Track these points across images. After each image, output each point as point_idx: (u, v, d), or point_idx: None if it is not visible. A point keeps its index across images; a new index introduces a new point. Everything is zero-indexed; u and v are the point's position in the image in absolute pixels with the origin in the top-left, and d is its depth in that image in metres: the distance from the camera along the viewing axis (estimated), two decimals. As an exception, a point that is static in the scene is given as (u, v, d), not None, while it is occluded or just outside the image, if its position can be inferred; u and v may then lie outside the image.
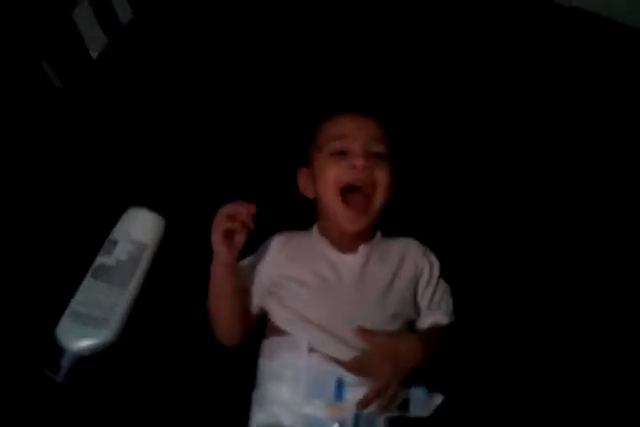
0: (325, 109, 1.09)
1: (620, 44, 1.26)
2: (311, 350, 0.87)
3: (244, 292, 0.96)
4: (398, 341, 0.90)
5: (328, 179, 0.97)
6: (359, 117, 1.02)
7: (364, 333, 0.88)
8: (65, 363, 0.92)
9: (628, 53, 1.25)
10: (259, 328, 0.97)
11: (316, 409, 0.84)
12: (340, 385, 0.85)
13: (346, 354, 0.87)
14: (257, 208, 0.88)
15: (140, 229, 1.03)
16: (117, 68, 1.26)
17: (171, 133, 1.18)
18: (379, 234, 1.03)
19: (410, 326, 0.96)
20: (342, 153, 0.97)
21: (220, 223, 0.88)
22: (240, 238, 0.89)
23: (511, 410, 0.95)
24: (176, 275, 1.03)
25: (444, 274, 1.01)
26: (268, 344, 0.93)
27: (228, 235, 0.88)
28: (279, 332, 0.92)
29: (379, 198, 0.97)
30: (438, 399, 0.90)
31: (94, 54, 1.25)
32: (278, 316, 0.93)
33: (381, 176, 0.97)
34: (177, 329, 0.99)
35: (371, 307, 0.92)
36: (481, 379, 0.98)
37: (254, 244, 0.98)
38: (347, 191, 0.97)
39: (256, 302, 0.97)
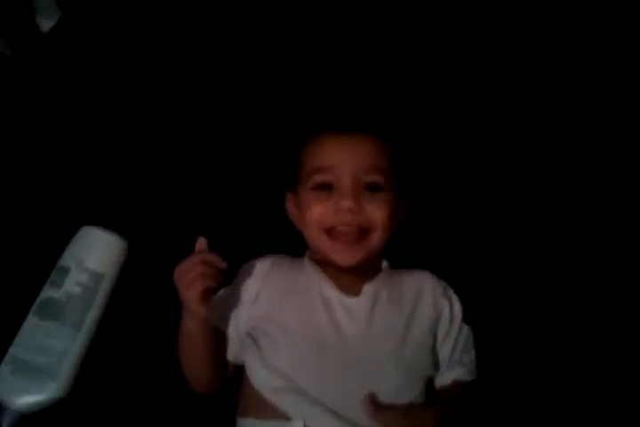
0: (316, 118, 0.97)
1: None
2: None
3: (219, 336, 0.83)
4: (412, 420, 0.76)
5: (311, 219, 0.85)
6: (347, 139, 0.86)
7: (372, 408, 0.74)
8: (4, 422, 0.81)
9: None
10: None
11: None
12: None
13: None
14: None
15: (96, 254, 0.88)
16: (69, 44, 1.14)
17: (132, 135, 1.07)
18: (385, 265, 0.89)
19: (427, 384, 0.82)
20: (329, 186, 0.84)
21: (196, 281, 0.76)
22: (211, 293, 0.79)
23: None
24: (140, 310, 0.92)
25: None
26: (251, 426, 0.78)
27: (205, 292, 0.77)
28: (261, 406, 0.77)
29: (375, 238, 0.84)
30: None
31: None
32: (260, 380, 0.79)
33: (377, 215, 0.83)
34: (141, 381, 0.89)
35: (382, 367, 0.78)
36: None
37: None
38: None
39: (233, 349, 0.84)
